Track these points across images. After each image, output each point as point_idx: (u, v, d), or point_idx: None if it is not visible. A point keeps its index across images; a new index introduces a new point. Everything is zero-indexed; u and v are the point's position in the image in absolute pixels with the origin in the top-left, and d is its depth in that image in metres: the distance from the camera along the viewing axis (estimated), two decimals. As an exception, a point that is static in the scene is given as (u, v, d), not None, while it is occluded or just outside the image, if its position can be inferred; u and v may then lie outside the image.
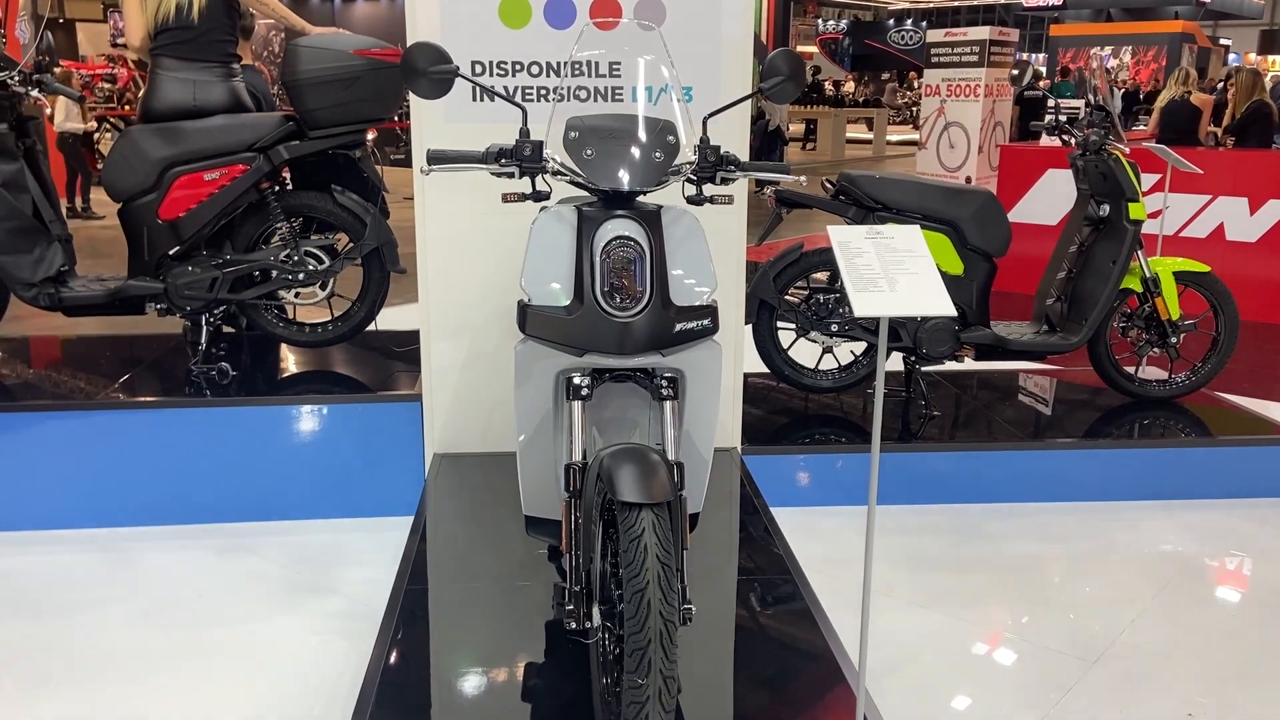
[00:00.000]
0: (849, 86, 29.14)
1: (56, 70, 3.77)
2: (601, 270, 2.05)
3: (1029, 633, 3.04)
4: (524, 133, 2.16)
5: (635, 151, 2.08)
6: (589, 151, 2.08)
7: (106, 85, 16.48)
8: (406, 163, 3.15)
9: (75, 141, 10.45)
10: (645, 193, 2.12)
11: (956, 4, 34.34)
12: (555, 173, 2.15)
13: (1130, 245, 4.00)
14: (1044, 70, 19.68)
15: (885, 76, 31.44)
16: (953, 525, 3.74)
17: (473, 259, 3.47)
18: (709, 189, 2.24)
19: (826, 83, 25.65)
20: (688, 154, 2.17)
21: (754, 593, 2.76)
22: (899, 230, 1.90)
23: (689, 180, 2.22)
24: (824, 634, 2.49)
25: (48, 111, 3.87)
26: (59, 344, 4.75)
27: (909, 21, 35.03)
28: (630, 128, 2.10)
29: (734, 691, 2.32)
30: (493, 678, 2.36)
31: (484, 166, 2.17)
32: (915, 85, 26.36)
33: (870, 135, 21.21)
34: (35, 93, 3.71)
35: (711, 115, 2.23)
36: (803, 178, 2.36)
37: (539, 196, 2.20)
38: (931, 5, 35.43)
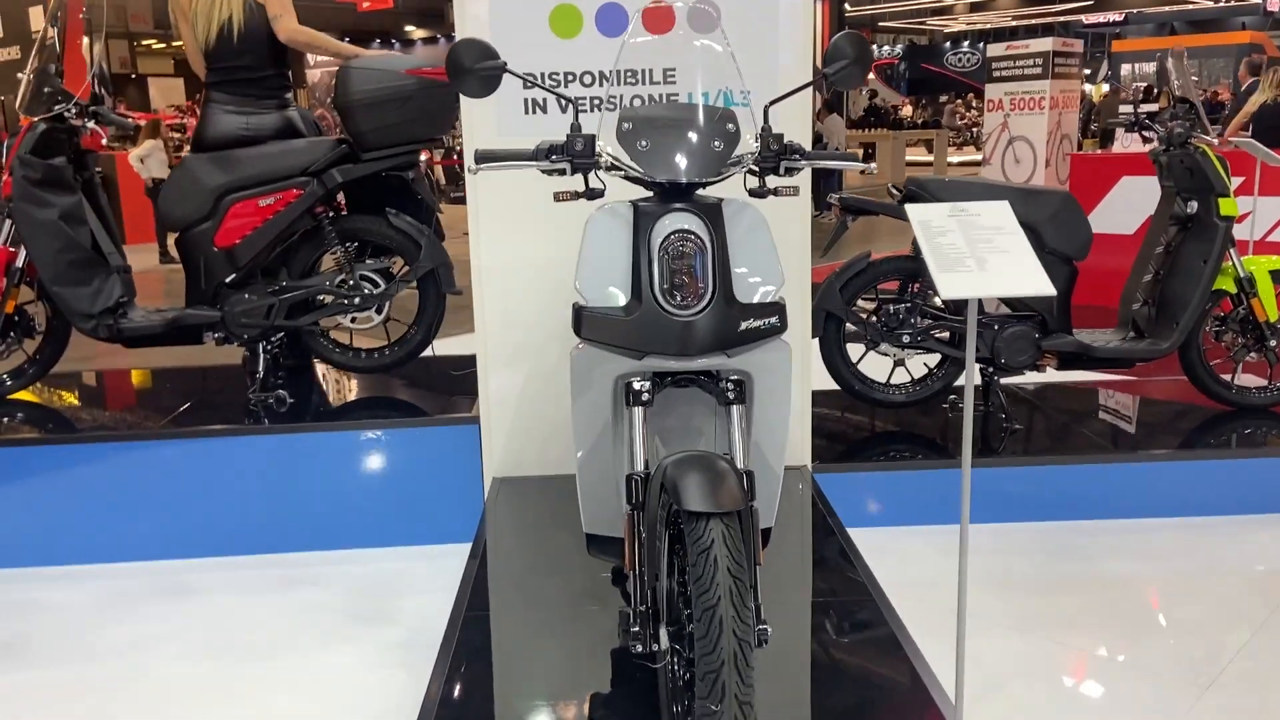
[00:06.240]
0: (906, 110, 28.87)
1: (107, 101, 3.78)
2: (660, 267, 1.93)
3: (1130, 658, 2.82)
4: (575, 128, 2.06)
5: (693, 141, 1.96)
6: (644, 143, 1.97)
7: (176, 135, 16.96)
8: (464, 200, 3.17)
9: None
10: (705, 185, 1.99)
11: (1014, 24, 33.91)
12: (609, 167, 2.04)
13: (1222, 243, 3.76)
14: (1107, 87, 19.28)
15: (944, 99, 31.09)
16: (1040, 544, 3.51)
17: (529, 279, 3.38)
18: (772, 180, 2.10)
19: (885, 105, 25.42)
20: (749, 143, 2.04)
21: (832, 617, 2.59)
22: (986, 206, 1.74)
23: (750, 171, 2.09)
24: (912, 661, 2.30)
25: (103, 140, 3.88)
26: (117, 376, 4.77)
27: (965, 43, 34.67)
28: (687, 116, 1.99)
29: (814, 722, 2.15)
30: (556, 707, 2.22)
31: (534, 164, 2.07)
32: (973, 105, 26.01)
33: (930, 157, 20.90)
34: (91, 124, 3.73)
35: (773, 103, 2.10)
36: (873, 165, 2.21)
37: (593, 194, 2.08)
38: (988, 26, 35.05)
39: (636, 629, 1.88)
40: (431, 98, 3.70)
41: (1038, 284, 1.63)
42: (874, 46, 35.38)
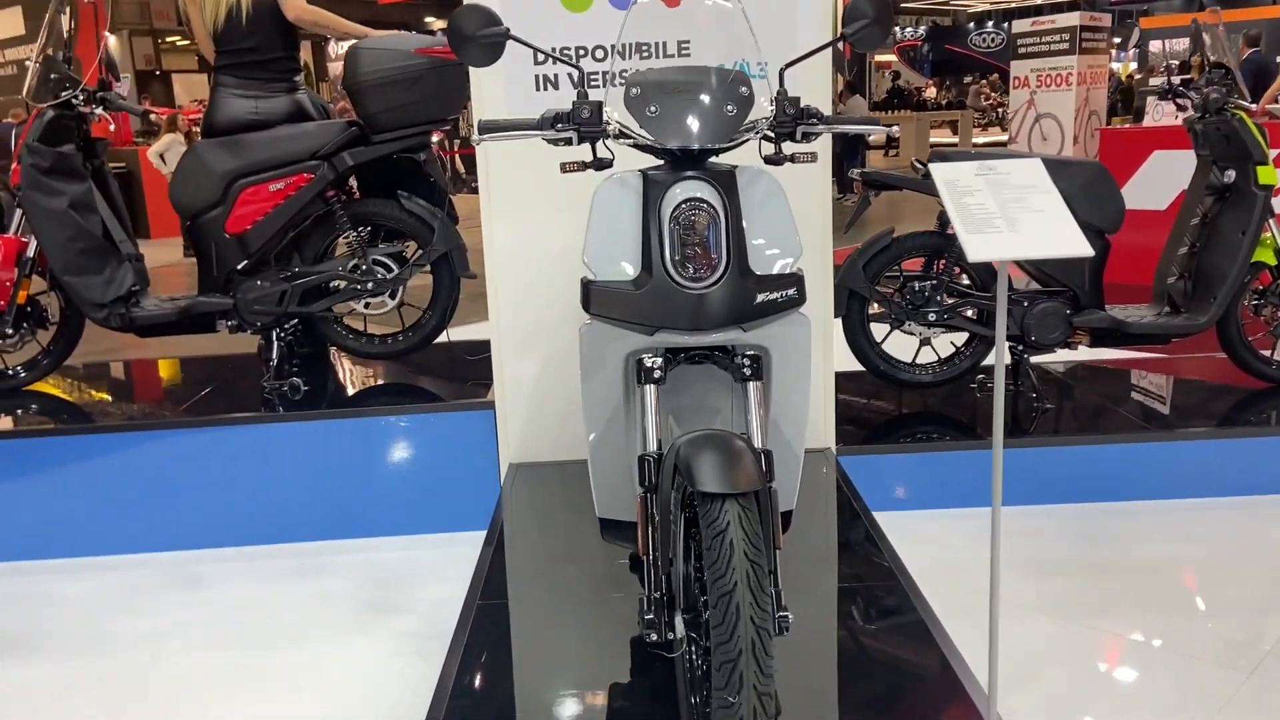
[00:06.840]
0: (930, 92, 28.52)
1: (116, 84, 3.73)
2: (671, 238, 1.84)
3: (1168, 642, 2.71)
4: (581, 94, 1.97)
5: (704, 105, 1.87)
6: (653, 109, 1.88)
7: (198, 130, 17.04)
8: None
9: None
10: (717, 151, 1.90)
11: (1039, 3, 33.37)
12: (617, 135, 1.95)
13: (1261, 214, 3.63)
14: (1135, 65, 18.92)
15: (968, 80, 30.68)
16: (1073, 526, 3.41)
17: (543, 264, 3.30)
18: (789, 146, 2.01)
19: (908, 87, 25.10)
20: (764, 107, 1.95)
21: (859, 603, 2.50)
22: (1016, 164, 1.64)
23: (766, 137, 1.99)
24: (942, 648, 2.21)
25: (111, 127, 3.85)
26: (131, 366, 4.74)
27: (990, 23, 34.15)
28: (698, 79, 1.90)
29: (839, 714, 2.06)
30: (572, 697, 2.15)
31: (539, 133, 1.99)
32: (998, 86, 25.61)
33: (955, 139, 20.59)
34: (100, 111, 3.68)
35: (790, 65, 2.00)
36: (895, 127, 2.11)
37: (600, 164, 2.00)
38: (1012, 5, 34.52)
39: (651, 616, 1.80)
40: (442, 77, 3.63)
41: (1074, 244, 1.52)
42: (896, 28, 35.03)
